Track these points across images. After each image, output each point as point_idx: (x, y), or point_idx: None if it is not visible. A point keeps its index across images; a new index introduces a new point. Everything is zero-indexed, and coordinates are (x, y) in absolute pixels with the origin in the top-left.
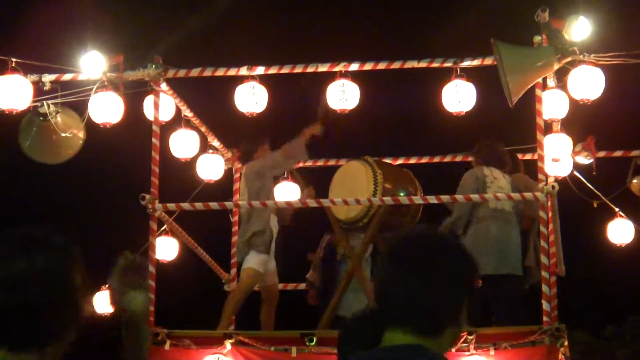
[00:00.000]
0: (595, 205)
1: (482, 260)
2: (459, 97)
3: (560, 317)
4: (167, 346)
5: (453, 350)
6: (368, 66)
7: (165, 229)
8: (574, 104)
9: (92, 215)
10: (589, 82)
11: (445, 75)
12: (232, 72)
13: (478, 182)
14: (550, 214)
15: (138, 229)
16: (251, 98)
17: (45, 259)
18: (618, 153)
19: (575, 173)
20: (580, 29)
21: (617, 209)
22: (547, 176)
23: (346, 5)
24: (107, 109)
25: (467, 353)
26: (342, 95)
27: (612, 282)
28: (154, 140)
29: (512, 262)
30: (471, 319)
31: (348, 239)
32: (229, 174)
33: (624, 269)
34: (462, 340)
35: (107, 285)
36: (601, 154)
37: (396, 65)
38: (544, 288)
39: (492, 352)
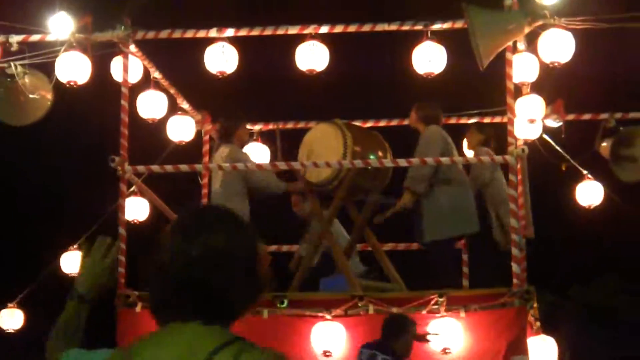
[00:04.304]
0: (563, 168)
1: (465, 220)
2: (429, 58)
3: (528, 278)
4: (138, 308)
5: (424, 312)
6: (338, 28)
7: (134, 189)
8: (544, 67)
9: (61, 177)
10: (559, 46)
11: (416, 39)
12: (201, 34)
13: (445, 142)
14: (519, 177)
15: (107, 191)
16: (221, 57)
17: (239, 235)
18: (587, 116)
19: (545, 136)
20: None
21: (585, 172)
22: (516, 139)
23: None
24: (75, 69)
25: (437, 315)
26: (312, 57)
27: (579, 243)
28: (122, 102)
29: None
30: (450, 280)
31: (318, 202)
32: (198, 135)
33: (591, 230)
34: (433, 302)
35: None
36: (570, 117)
37: (367, 27)
38: (514, 250)
39: (462, 314)
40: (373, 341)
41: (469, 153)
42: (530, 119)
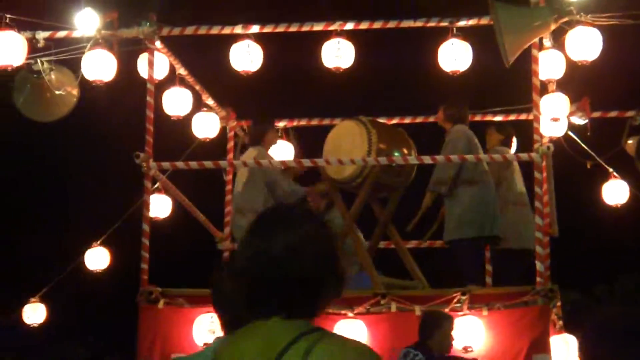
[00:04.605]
0: (589, 166)
1: (489, 222)
2: (455, 56)
3: (552, 277)
4: (160, 304)
5: (446, 310)
6: (364, 25)
7: (158, 186)
8: (570, 64)
9: (86, 173)
10: (586, 43)
11: (441, 35)
12: (227, 30)
13: (470, 142)
14: (544, 175)
15: (131, 187)
16: (246, 56)
17: (316, 232)
18: (613, 113)
19: (570, 133)
20: None
21: (611, 170)
22: (542, 137)
23: None
24: (101, 66)
25: (460, 313)
26: (337, 54)
27: (604, 242)
28: (148, 98)
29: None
30: (472, 280)
31: (342, 199)
32: (223, 132)
33: (617, 229)
34: (455, 300)
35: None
36: (596, 114)
37: (392, 24)
38: (538, 248)
39: (485, 313)
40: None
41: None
42: (553, 118)
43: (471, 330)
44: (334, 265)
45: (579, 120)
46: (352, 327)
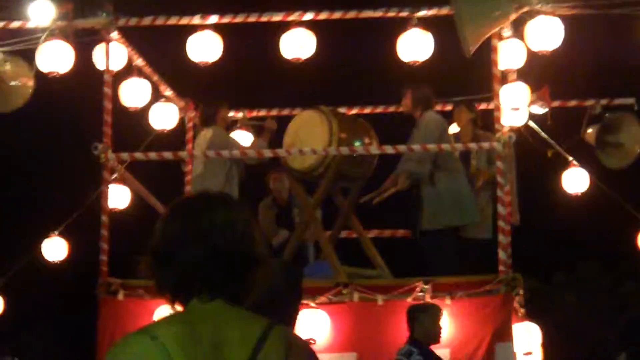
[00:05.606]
0: (549, 155)
1: (464, 211)
2: (415, 46)
3: (513, 265)
4: (120, 296)
5: (409, 299)
6: (323, 15)
7: (116, 177)
8: (530, 53)
9: (42, 165)
10: (546, 33)
11: (401, 25)
12: (184, 20)
13: (442, 129)
14: (506, 163)
15: (88, 178)
16: (204, 47)
17: (238, 213)
18: (573, 103)
19: (530, 123)
20: None
21: (571, 158)
22: (502, 126)
23: None
24: (57, 57)
25: (423, 302)
26: (297, 44)
27: (564, 230)
28: (105, 89)
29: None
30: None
31: (303, 188)
32: (181, 123)
33: (577, 217)
34: (418, 289)
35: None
36: (556, 103)
37: (351, 14)
38: (500, 237)
39: (447, 301)
40: None
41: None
42: (514, 107)
43: None
44: (253, 244)
45: (540, 110)
46: (314, 317)
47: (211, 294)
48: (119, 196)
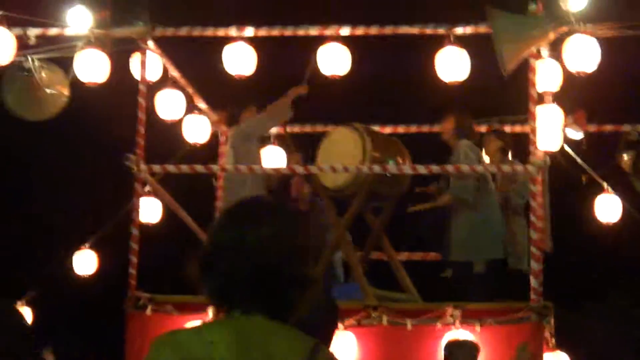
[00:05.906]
0: (584, 180)
1: (492, 245)
2: (452, 65)
3: (544, 293)
4: (148, 311)
5: (438, 325)
6: (359, 31)
7: (148, 189)
8: (567, 75)
9: (74, 175)
10: (584, 54)
11: (438, 42)
12: (220, 32)
13: (479, 158)
14: (540, 188)
15: (120, 190)
16: (240, 59)
17: (287, 227)
18: (609, 127)
19: (565, 147)
20: None
21: (604, 184)
22: (538, 149)
23: None
24: (93, 67)
25: (452, 328)
26: (333, 60)
27: (596, 258)
28: (140, 99)
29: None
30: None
31: (334, 207)
32: (214, 136)
33: (609, 245)
34: (447, 315)
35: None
36: (592, 128)
37: (388, 30)
38: (532, 264)
39: (477, 328)
40: None
41: (487, 160)
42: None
43: None
44: (300, 264)
45: (575, 134)
46: (342, 340)
47: (252, 307)
48: (150, 209)
